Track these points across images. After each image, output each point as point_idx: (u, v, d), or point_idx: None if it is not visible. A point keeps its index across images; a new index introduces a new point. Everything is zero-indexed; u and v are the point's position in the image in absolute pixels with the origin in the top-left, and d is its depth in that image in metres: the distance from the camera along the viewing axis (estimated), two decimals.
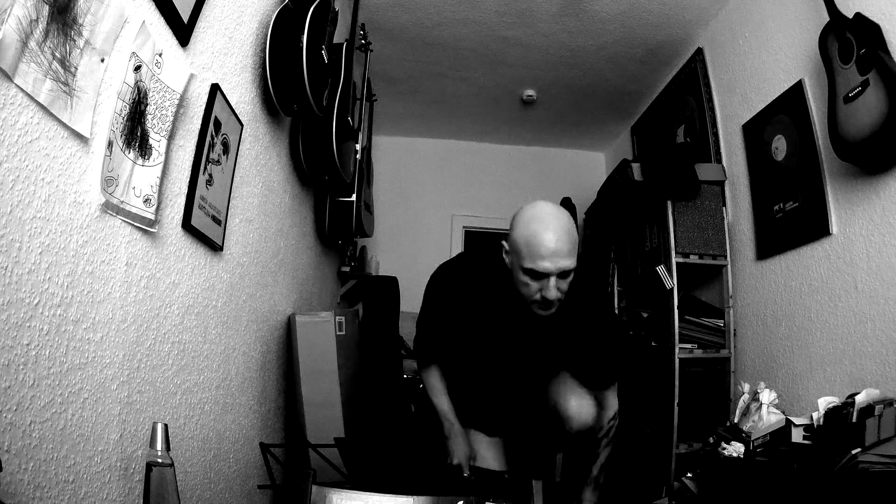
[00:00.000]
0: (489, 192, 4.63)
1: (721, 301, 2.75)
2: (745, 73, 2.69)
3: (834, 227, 2.07)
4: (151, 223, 1.11)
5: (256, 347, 1.82)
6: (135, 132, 1.04)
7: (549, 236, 1.41)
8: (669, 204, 2.73)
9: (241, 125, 1.58)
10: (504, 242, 1.56)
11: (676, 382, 2.58)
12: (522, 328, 1.64)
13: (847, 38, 1.83)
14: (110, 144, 0.97)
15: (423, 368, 1.83)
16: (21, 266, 0.78)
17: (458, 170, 4.71)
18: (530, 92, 3.86)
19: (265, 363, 1.90)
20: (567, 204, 3.95)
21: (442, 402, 1.78)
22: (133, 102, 1.03)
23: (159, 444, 0.92)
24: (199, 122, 1.33)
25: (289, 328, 2.06)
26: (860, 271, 1.94)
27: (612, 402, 1.74)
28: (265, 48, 1.67)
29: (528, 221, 1.47)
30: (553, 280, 1.42)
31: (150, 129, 1.09)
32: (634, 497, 2.71)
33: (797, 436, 1.66)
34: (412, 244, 4.47)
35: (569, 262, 1.43)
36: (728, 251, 2.73)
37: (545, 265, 1.41)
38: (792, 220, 2.30)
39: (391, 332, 3.14)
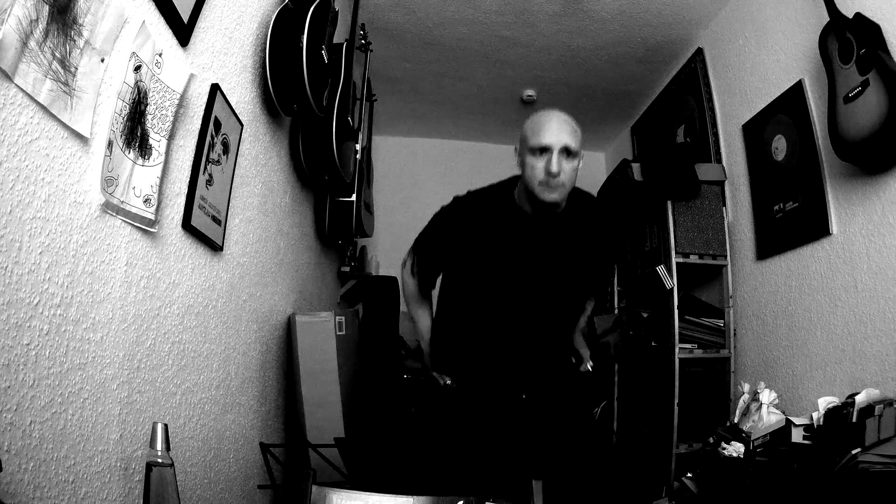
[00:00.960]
0: None
1: (721, 301, 2.75)
2: (745, 73, 2.69)
3: (834, 227, 2.07)
4: (151, 223, 1.11)
5: (256, 347, 1.82)
6: (135, 132, 1.04)
7: (552, 118, 1.59)
8: (669, 204, 2.73)
9: (241, 125, 1.58)
10: (515, 147, 1.70)
11: (676, 382, 2.58)
12: (535, 249, 1.70)
13: (847, 38, 1.83)
14: (110, 144, 0.97)
15: (413, 295, 1.90)
16: (21, 266, 0.78)
17: (459, 170, 4.70)
18: (530, 92, 3.86)
19: (265, 363, 1.90)
20: None
21: (426, 324, 1.89)
22: (133, 102, 1.03)
23: (159, 444, 0.92)
24: (199, 122, 1.33)
25: (289, 328, 2.06)
26: (860, 271, 1.94)
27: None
28: (265, 48, 1.67)
29: (534, 116, 1.64)
30: (556, 155, 1.54)
31: (150, 129, 1.09)
32: (634, 497, 2.71)
33: (797, 436, 1.66)
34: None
35: (570, 140, 1.55)
36: (728, 251, 2.73)
37: (547, 138, 1.55)
38: (792, 220, 2.30)
39: (391, 332, 3.14)
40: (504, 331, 1.77)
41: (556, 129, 1.55)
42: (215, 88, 1.38)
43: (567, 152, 1.55)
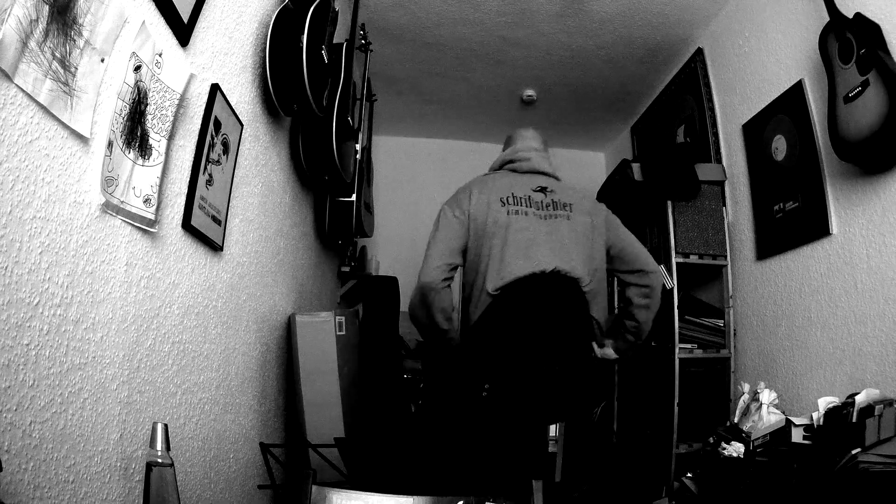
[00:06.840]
0: None
1: (721, 301, 2.75)
2: (745, 73, 2.69)
3: (834, 227, 2.07)
4: (151, 223, 1.11)
5: (256, 347, 1.81)
6: (135, 132, 1.04)
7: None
8: (669, 204, 2.72)
9: (241, 125, 1.58)
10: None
11: (676, 382, 2.58)
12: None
13: (847, 38, 1.83)
14: (110, 144, 0.97)
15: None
16: (21, 266, 0.78)
17: (459, 170, 4.69)
18: (530, 92, 3.86)
19: (265, 363, 1.90)
20: None
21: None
22: (133, 102, 1.03)
23: (159, 444, 0.92)
24: (199, 122, 1.33)
25: (289, 328, 2.06)
26: (860, 271, 1.94)
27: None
28: (265, 48, 1.67)
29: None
30: None
31: (150, 129, 1.09)
32: (634, 497, 2.71)
33: (797, 436, 1.66)
34: (412, 244, 4.46)
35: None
36: (728, 251, 2.73)
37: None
38: (792, 220, 2.30)
39: (391, 332, 3.14)
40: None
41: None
42: (215, 88, 1.38)
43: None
